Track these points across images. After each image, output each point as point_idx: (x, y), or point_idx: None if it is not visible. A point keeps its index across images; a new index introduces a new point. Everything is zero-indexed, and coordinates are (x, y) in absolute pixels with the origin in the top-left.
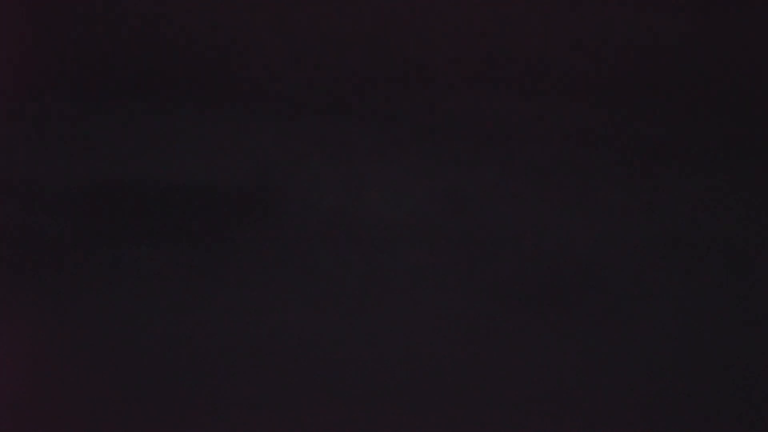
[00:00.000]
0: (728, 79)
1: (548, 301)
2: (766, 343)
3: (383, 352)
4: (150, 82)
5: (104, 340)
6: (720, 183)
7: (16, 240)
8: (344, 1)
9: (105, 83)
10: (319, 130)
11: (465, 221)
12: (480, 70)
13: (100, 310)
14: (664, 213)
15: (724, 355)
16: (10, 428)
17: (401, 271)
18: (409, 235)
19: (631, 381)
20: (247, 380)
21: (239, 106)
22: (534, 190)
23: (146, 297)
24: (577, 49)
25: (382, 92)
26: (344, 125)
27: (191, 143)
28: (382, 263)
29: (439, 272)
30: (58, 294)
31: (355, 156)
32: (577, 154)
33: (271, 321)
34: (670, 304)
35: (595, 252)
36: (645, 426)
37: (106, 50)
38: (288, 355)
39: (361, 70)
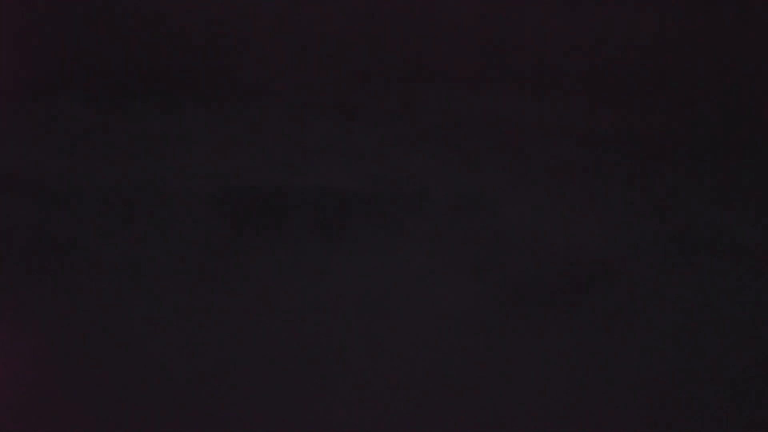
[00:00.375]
0: (740, 77)
1: (561, 301)
2: None
3: (396, 353)
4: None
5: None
6: (732, 181)
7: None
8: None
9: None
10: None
11: (477, 220)
12: (493, 70)
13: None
14: (676, 212)
15: (736, 354)
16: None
17: (414, 271)
18: (420, 235)
19: (644, 380)
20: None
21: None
22: (546, 189)
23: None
24: (593, 49)
25: (395, 92)
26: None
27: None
28: (394, 262)
29: (451, 272)
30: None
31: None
32: (589, 154)
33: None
34: (682, 303)
35: (607, 251)
36: (656, 424)
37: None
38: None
39: (376, 69)
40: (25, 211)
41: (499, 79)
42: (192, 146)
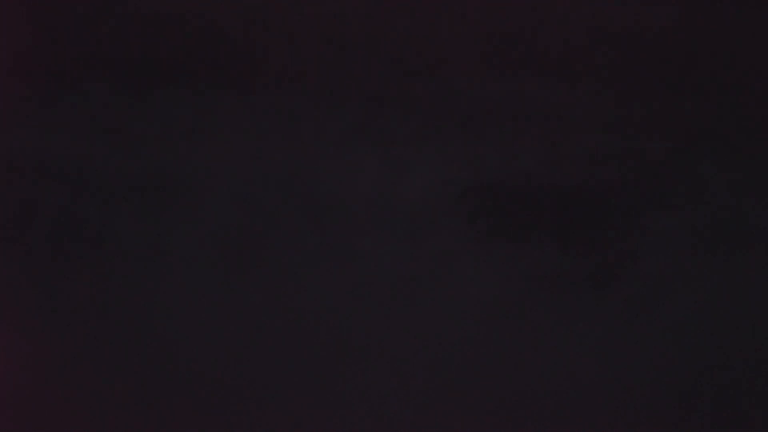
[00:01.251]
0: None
1: (589, 288)
2: None
3: (425, 339)
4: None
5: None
6: (761, 170)
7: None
8: None
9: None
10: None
11: (501, 207)
12: (517, 58)
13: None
14: (705, 200)
15: (764, 341)
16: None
17: (439, 255)
18: (446, 221)
19: (669, 367)
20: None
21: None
22: (573, 176)
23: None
24: (620, 37)
25: (421, 80)
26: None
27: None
28: (423, 247)
29: (476, 258)
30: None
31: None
32: (616, 142)
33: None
34: (710, 291)
35: (635, 238)
36: (687, 409)
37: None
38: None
39: (403, 59)
40: (55, 199)
41: (537, 67)
42: (221, 135)
